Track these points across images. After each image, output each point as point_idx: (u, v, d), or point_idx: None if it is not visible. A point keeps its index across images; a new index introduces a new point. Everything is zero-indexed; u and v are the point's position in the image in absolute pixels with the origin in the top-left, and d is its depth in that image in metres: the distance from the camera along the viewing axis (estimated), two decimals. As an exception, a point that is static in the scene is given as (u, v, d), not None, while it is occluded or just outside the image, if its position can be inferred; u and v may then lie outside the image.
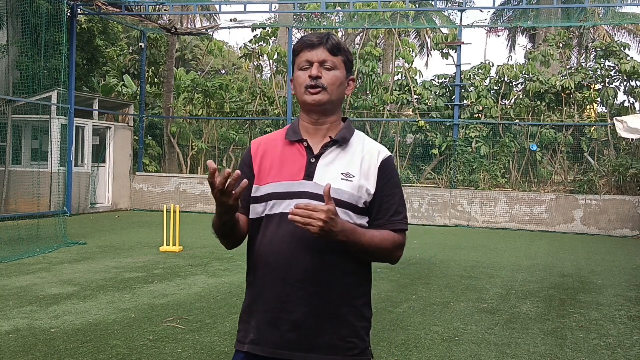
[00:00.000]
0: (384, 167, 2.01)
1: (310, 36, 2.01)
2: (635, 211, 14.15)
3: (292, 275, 1.91)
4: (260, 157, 2.05)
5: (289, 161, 2.00)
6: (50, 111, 14.04)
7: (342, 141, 2.01)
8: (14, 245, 9.50)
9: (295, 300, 1.91)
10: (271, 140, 2.10)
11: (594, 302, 6.90)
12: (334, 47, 1.99)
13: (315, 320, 1.90)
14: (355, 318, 1.96)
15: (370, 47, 17.67)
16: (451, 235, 13.15)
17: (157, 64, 20.28)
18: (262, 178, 2.01)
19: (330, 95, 1.98)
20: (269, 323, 1.93)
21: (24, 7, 13.65)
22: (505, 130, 16.44)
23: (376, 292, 7.06)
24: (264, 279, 1.96)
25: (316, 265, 1.90)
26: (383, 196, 1.99)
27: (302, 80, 1.99)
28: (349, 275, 1.95)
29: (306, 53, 1.99)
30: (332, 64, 1.99)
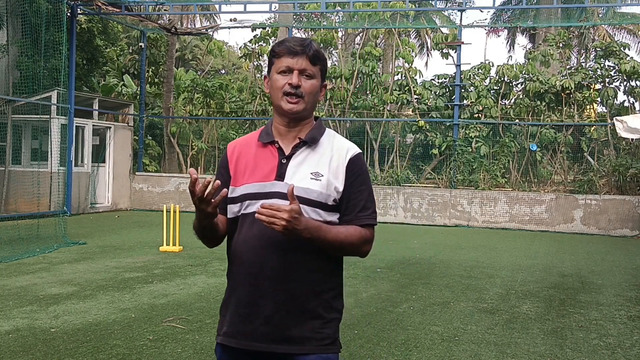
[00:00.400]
0: (351, 165, 2.07)
1: (293, 42, 2.06)
2: (635, 211, 14.15)
3: (262, 273, 1.99)
4: (235, 160, 2.14)
5: (262, 163, 2.09)
6: (50, 111, 14.04)
7: (311, 142, 2.08)
8: (14, 245, 9.50)
9: (265, 296, 2.00)
10: (246, 142, 2.19)
11: (594, 302, 6.90)
12: (315, 57, 2.05)
13: (285, 314, 1.99)
14: (325, 310, 2.04)
15: (370, 47, 17.67)
16: (451, 235, 13.15)
17: (157, 64, 20.28)
18: (237, 179, 2.11)
19: (306, 104, 2.06)
20: (242, 317, 2.03)
21: (24, 7, 13.65)
22: (505, 130, 16.44)
23: (376, 292, 7.07)
24: (238, 276, 2.06)
25: (282, 264, 1.99)
26: (351, 193, 2.05)
27: (280, 85, 2.05)
28: (314, 272, 2.02)
29: (287, 59, 2.04)
30: (312, 73, 2.06)
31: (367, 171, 2.15)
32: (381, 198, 15.79)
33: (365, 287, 7.31)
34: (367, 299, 6.71)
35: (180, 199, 16.29)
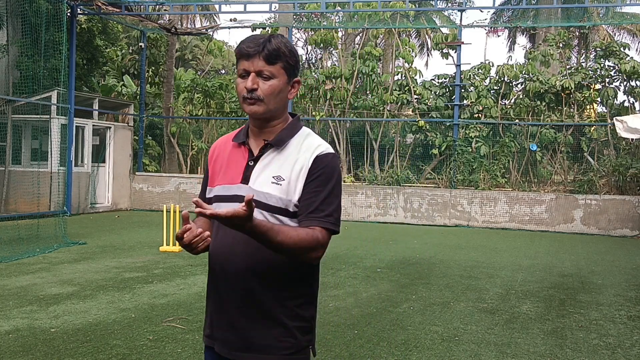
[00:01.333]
0: (315, 163, 1.94)
1: (247, 44, 1.94)
2: (635, 211, 14.15)
3: (228, 277, 1.97)
4: (214, 160, 2.12)
5: (233, 164, 2.04)
6: (50, 111, 14.04)
7: (277, 144, 1.99)
8: (14, 245, 9.50)
9: (229, 301, 1.97)
10: (225, 142, 2.15)
11: (594, 302, 6.90)
12: (271, 56, 1.92)
13: (247, 320, 1.95)
14: (289, 318, 1.96)
15: (370, 47, 17.66)
16: (451, 235, 13.15)
17: (157, 64, 20.28)
18: (213, 180, 2.08)
19: (267, 105, 1.95)
20: (215, 322, 2.03)
21: (24, 7, 13.65)
22: (505, 130, 16.44)
23: (376, 292, 7.06)
24: (211, 279, 2.07)
25: (247, 268, 1.94)
26: (307, 192, 1.93)
27: (240, 89, 1.97)
28: (281, 278, 1.96)
29: (243, 62, 1.95)
30: (270, 74, 1.94)
31: (334, 175, 1.97)
32: (381, 198, 15.79)
33: (365, 287, 7.31)
34: (367, 299, 6.71)
35: (180, 199, 16.29)
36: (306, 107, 18.21)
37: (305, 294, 2.03)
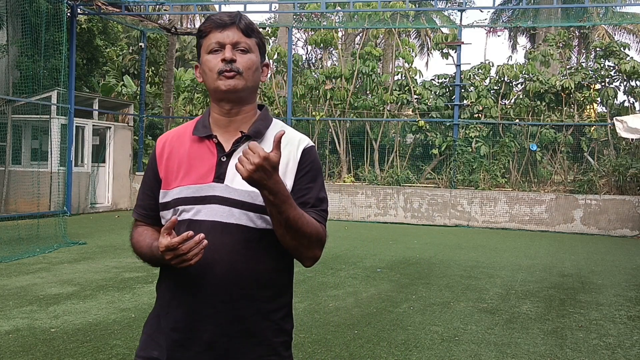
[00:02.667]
0: (303, 158, 1.79)
1: (220, 15, 1.78)
2: (635, 211, 14.15)
3: (202, 291, 1.71)
4: (166, 159, 1.83)
5: (198, 161, 1.78)
6: (50, 111, 14.04)
7: (255, 135, 1.79)
8: (14, 245, 9.50)
9: (206, 319, 1.71)
10: (178, 136, 1.86)
11: (594, 302, 6.90)
12: (248, 28, 1.78)
13: (228, 340, 1.71)
14: (274, 334, 1.76)
15: (370, 47, 17.67)
16: (451, 235, 13.15)
17: (157, 64, 20.29)
18: (170, 181, 1.80)
19: (246, 81, 1.76)
20: (179, 344, 1.74)
21: (24, 7, 13.65)
22: (505, 130, 16.44)
23: (376, 292, 7.06)
24: (171, 294, 1.77)
25: (229, 279, 1.70)
26: (299, 189, 1.76)
27: (213, 64, 1.75)
28: (266, 288, 1.75)
29: (216, 34, 1.76)
30: (247, 46, 1.77)
31: (321, 168, 1.85)
32: (381, 198, 15.79)
33: (365, 287, 7.31)
34: (367, 299, 6.71)
35: (180, 199, 16.27)
36: (306, 107, 18.22)
37: (287, 304, 1.83)
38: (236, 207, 1.71)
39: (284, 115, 17.64)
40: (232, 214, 1.72)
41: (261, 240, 1.73)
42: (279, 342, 1.78)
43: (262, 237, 1.73)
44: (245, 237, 1.71)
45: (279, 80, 18.96)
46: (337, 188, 16.19)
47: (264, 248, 1.73)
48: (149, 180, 1.87)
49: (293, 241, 1.70)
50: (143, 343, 1.83)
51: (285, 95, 17.93)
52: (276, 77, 18.86)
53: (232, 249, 1.70)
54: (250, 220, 1.72)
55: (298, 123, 18.05)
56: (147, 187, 1.88)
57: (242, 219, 1.71)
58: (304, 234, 1.68)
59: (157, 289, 1.86)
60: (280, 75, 18.96)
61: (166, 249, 1.59)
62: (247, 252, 1.71)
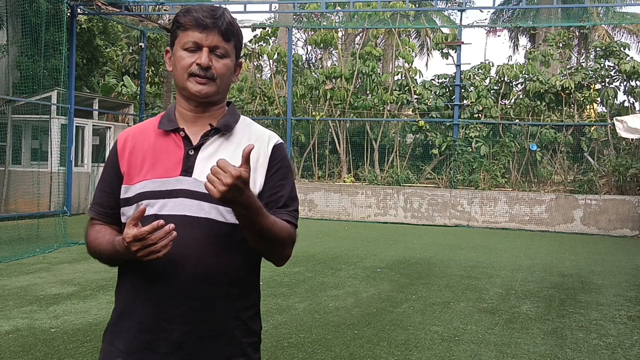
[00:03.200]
0: (274, 154, 1.76)
1: (202, 12, 1.69)
2: (635, 211, 14.15)
3: (169, 288, 1.64)
4: (128, 154, 1.76)
5: (164, 154, 1.73)
6: (50, 111, 14.04)
7: (225, 129, 1.75)
8: (14, 245, 9.50)
9: (174, 318, 1.64)
10: (141, 131, 1.80)
11: (594, 302, 6.90)
12: (228, 31, 1.71)
13: (197, 339, 1.66)
14: (242, 334, 1.72)
15: (370, 47, 17.67)
16: (451, 235, 13.15)
17: (157, 64, 20.29)
18: (132, 176, 1.73)
19: (218, 87, 1.73)
20: (144, 346, 1.66)
21: (24, 7, 13.65)
22: (505, 130, 16.44)
23: (376, 292, 7.06)
24: (135, 293, 1.69)
25: (198, 276, 1.64)
26: (271, 187, 1.73)
27: (187, 64, 1.70)
28: (236, 285, 1.70)
29: (195, 33, 1.69)
30: (224, 52, 1.72)
31: (290, 166, 1.82)
32: (381, 198, 15.79)
33: (365, 287, 7.31)
34: (367, 299, 6.71)
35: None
36: (306, 107, 18.22)
37: (256, 303, 1.79)
38: (205, 201, 1.64)
39: (284, 115, 17.65)
40: (202, 208, 1.66)
41: (232, 235, 1.68)
42: (247, 343, 1.74)
43: (232, 232, 1.67)
44: (216, 231, 1.66)
45: (279, 80, 18.97)
46: (337, 188, 16.19)
47: (234, 243, 1.69)
48: (108, 177, 1.79)
49: (266, 247, 1.69)
50: (105, 352, 1.74)
51: (285, 95, 17.93)
52: (276, 77, 18.86)
53: (202, 244, 1.64)
54: (220, 214, 1.66)
55: (298, 123, 18.06)
56: (105, 184, 1.79)
57: (212, 212, 1.66)
58: (276, 240, 1.66)
59: (117, 293, 1.78)
60: (280, 75, 18.97)
61: (134, 239, 1.51)
62: (217, 247, 1.66)
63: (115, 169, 1.76)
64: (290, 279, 7.64)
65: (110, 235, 1.70)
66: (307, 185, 16.44)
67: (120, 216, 1.76)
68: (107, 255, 1.69)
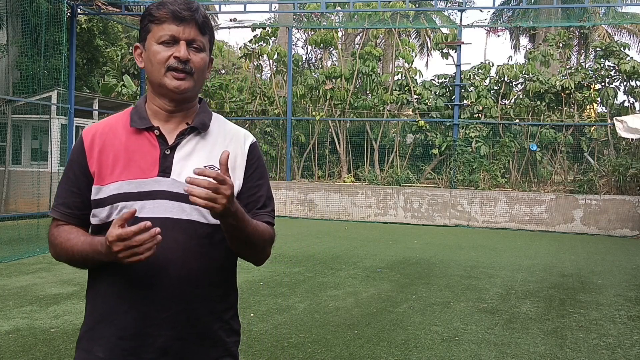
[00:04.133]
0: (251, 154, 1.74)
1: (178, 5, 1.63)
2: (635, 211, 14.15)
3: (154, 293, 1.60)
4: (98, 153, 1.68)
5: (138, 154, 1.66)
6: (50, 111, 14.04)
7: (201, 128, 1.71)
8: (14, 245, 9.50)
9: (159, 323, 1.61)
10: (110, 128, 1.72)
11: (594, 302, 6.90)
12: (204, 24, 1.67)
13: (183, 343, 1.63)
14: (226, 334, 1.71)
15: (370, 47, 17.67)
16: (451, 235, 13.15)
17: (157, 64, 20.26)
18: (104, 176, 1.65)
19: (195, 82, 1.67)
20: (127, 352, 1.61)
21: (24, 7, 13.66)
22: (505, 130, 16.44)
23: (376, 292, 7.06)
24: (113, 298, 1.63)
25: (181, 279, 1.61)
26: (250, 187, 1.72)
27: (163, 58, 1.64)
28: (217, 286, 1.69)
29: (171, 26, 1.63)
30: (201, 45, 1.67)
31: (265, 164, 1.81)
32: (381, 198, 15.79)
33: (365, 287, 7.31)
34: (367, 299, 6.71)
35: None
36: (306, 107, 18.22)
37: (235, 303, 1.78)
38: (186, 202, 1.56)
39: (284, 115, 17.65)
40: (183, 210, 1.62)
41: (213, 236, 1.65)
42: (232, 342, 1.74)
43: (214, 233, 1.65)
44: (198, 233, 1.64)
45: (279, 80, 18.97)
46: (337, 188, 16.19)
47: (215, 244, 1.67)
48: (74, 176, 1.69)
49: (249, 250, 1.69)
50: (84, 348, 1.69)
51: (285, 95, 17.93)
52: (276, 77, 18.86)
53: (185, 247, 1.61)
54: (202, 215, 1.63)
55: (298, 123, 18.06)
56: (71, 184, 1.70)
57: (194, 214, 1.63)
58: (259, 243, 1.68)
59: (90, 298, 1.71)
60: (280, 75, 18.97)
61: (117, 238, 1.45)
62: (200, 250, 1.64)
63: (83, 168, 1.68)
64: (290, 279, 7.64)
65: (86, 236, 1.64)
66: (307, 185, 16.45)
67: (90, 217, 1.70)
68: (81, 257, 1.63)
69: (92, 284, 1.71)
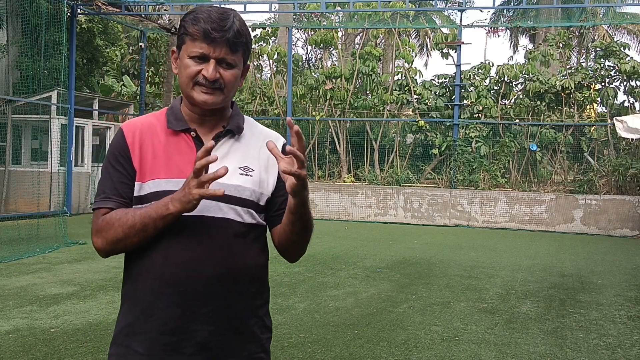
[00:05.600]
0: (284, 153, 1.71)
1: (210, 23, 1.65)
2: (635, 211, 14.15)
3: (193, 289, 1.64)
4: (138, 149, 1.72)
5: (176, 154, 1.71)
6: (50, 111, 14.04)
7: (236, 130, 1.76)
8: (14, 245, 9.50)
9: (198, 318, 1.65)
10: (149, 127, 1.76)
11: (594, 302, 6.90)
12: (236, 43, 1.68)
13: (222, 338, 1.68)
14: (261, 330, 1.77)
15: (370, 47, 17.67)
16: (451, 235, 13.15)
17: (157, 64, 20.28)
18: (144, 173, 1.70)
19: (226, 95, 1.72)
20: (169, 347, 1.65)
21: (24, 7, 13.65)
22: (505, 130, 16.44)
23: (376, 292, 7.06)
24: (153, 294, 1.66)
25: (220, 275, 1.66)
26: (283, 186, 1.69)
27: (192, 73, 1.68)
28: (253, 282, 1.74)
29: (203, 44, 1.66)
30: (232, 62, 1.70)
31: None
32: (381, 198, 15.79)
33: (365, 287, 7.31)
34: (367, 299, 6.71)
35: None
36: (306, 107, 18.22)
37: (268, 300, 1.83)
38: (223, 202, 1.66)
39: (284, 115, 17.64)
40: (220, 208, 1.67)
41: (248, 234, 1.72)
42: (265, 339, 1.79)
43: (249, 232, 1.72)
44: (234, 231, 1.69)
45: (279, 80, 18.97)
46: (337, 188, 16.19)
47: (250, 243, 1.73)
48: (122, 168, 1.71)
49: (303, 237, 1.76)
50: (119, 356, 1.70)
51: (285, 95, 17.93)
52: (276, 77, 18.86)
53: (222, 244, 1.67)
54: (238, 214, 1.69)
55: (298, 123, 18.04)
56: (121, 175, 1.71)
57: (230, 213, 1.68)
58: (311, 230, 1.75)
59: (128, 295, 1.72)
60: (280, 75, 18.97)
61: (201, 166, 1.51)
62: (237, 247, 1.69)
63: (129, 161, 1.71)
64: (290, 279, 7.64)
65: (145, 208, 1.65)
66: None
67: None
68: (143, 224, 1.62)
69: (128, 282, 1.74)
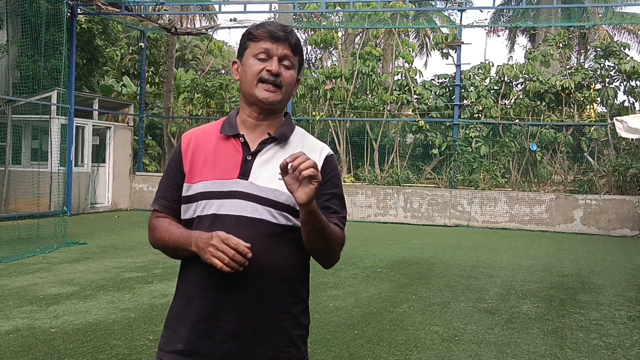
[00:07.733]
0: (326, 165, 1.89)
1: (274, 26, 1.86)
2: (635, 211, 14.15)
3: (227, 281, 1.77)
4: (191, 154, 1.90)
5: (223, 158, 1.86)
6: (50, 111, 14.04)
7: (281, 138, 1.89)
8: (14, 245, 9.50)
9: (230, 309, 1.79)
10: (205, 134, 1.94)
11: (594, 302, 6.90)
12: (297, 46, 1.88)
13: (251, 330, 1.79)
14: (292, 326, 1.85)
15: (370, 47, 17.67)
16: (451, 235, 13.15)
17: (157, 64, 20.28)
18: (194, 176, 1.87)
19: (283, 95, 1.87)
20: (202, 333, 1.80)
21: (24, 7, 13.65)
22: (505, 130, 16.44)
23: (376, 292, 7.06)
24: (195, 286, 1.84)
25: (252, 272, 1.76)
26: (322, 194, 1.84)
27: (256, 70, 1.85)
28: (286, 281, 1.83)
29: (267, 43, 1.84)
30: (291, 63, 1.88)
31: (340, 175, 1.98)
32: (381, 198, 15.79)
33: (365, 287, 7.31)
34: (367, 299, 6.71)
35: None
36: (306, 107, 18.22)
37: (305, 299, 1.92)
38: (260, 203, 1.79)
39: (284, 115, 17.63)
40: (256, 210, 1.80)
41: (282, 235, 1.82)
42: (297, 335, 1.87)
43: (283, 233, 1.82)
44: (268, 231, 1.80)
45: (279, 80, 18.92)
46: (337, 188, 16.17)
47: (285, 243, 1.83)
48: (172, 173, 1.93)
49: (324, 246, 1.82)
50: (167, 338, 1.88)
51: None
52: (276, 77, 18.82)
53: (256, 242, 1.76)
54: (273, 216, 1.81)
55: (298, 123, 17.93)
56: (170, 180, 1.94)
57: (265, 214, 1.80)
58: (332, 239, 1.82)
59: (180, 284, 1.91)
60: (280, 75, 18.93)
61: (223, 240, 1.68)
62: (270, 246, 1.80)
63: (179, 167, 1.91)
64: (290, 279, 7.63)
65: (182, 230, 1.85)
66: (307, 185, 16.42)
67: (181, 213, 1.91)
68: (175, 246, 1.84)
69: (181, 272, 1.92)
